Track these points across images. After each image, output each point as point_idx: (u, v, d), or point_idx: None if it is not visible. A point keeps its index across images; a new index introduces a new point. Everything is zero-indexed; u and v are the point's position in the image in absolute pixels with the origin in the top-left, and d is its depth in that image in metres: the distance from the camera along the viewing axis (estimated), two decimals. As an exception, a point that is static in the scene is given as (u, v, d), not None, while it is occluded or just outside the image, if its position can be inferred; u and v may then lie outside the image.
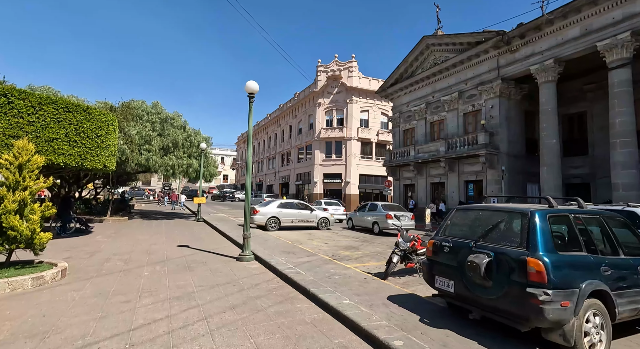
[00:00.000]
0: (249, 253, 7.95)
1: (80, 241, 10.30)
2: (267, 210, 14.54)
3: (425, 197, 21.90)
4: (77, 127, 9.73)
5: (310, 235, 13.48)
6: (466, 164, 18.98)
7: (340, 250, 9.71)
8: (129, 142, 15.95)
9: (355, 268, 7.12)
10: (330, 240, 12.13)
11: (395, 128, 25.44)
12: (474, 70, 18.80)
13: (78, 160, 9.68)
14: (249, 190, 8.30)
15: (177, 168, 17.62)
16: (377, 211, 15.33)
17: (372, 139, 38.13)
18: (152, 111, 18.60)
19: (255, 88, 8.13)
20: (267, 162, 56.49)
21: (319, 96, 39.39)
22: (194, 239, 11.37)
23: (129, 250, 8.88)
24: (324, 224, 15.64)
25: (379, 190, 38.72)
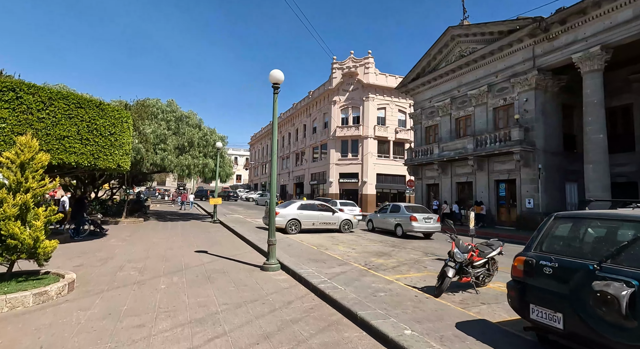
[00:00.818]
0: (275, 262, 7.13)
1: (93, 245, 9.73)
2: (287, 211, 13.75)
3: (451, 197, 20.70)
4: (90, 124, 9.14)
5: (334, 238, 12.61)
6: (497, 162, 17.72)
7: (371, 257, 8.78)
8: (144, 141, 15.45)
9: (397, 280, 6.20)
10: (356, 244, 11.22)
11: (416, 125, 24.28)
12: (505, 62, 17.51)
13: (91, 160, 9.08)
14: (274, 191, 7.48)
15: (193, 168, 17.05)
16: (400, 213, 14.39)
17: (390, 137, 36.96)
18: (167, 109, 18.10)
19: (280, 78, 7.30)
20: (281, 161, 55.90)
21: (335, 94, 38.47)
22: (212, 243, 10.66)
23: (144, 256, 8.20)
24: (347, 227, 14.74)
25: (396, 190, 37.54)
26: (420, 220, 13.72)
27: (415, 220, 13.64)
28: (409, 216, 13.77)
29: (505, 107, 17.74)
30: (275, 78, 7.27)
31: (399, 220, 14.16)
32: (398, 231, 14.14)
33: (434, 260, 8.73)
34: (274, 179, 7.50)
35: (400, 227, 13.98)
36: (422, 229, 13.69)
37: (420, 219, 13.70)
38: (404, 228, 13.81)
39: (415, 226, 13.58)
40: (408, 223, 13.49)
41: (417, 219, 13.65)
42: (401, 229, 13.96)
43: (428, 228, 13.86)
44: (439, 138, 21.93)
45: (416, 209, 14.62)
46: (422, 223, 13.69)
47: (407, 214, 13.90)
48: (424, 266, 7.72)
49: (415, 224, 13.56)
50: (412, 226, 13.52)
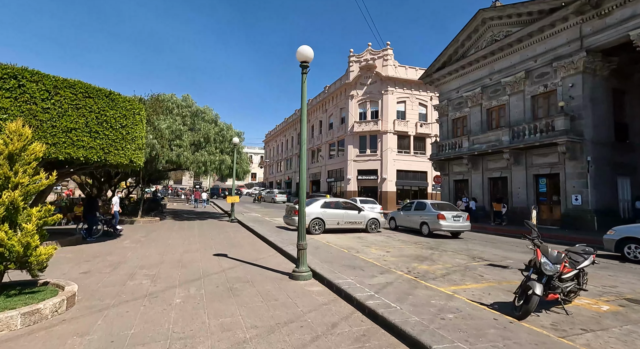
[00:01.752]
0: (306, 269, 6.13)
1: (105, 247, 9.01)
2: (310, 210, 12.75)
3: (482, 194, 19.23)
4: (99, 115, 8.38)
5: (362, 239, 11.54)
6: (537, 155, 16.16)
7: (412, 262, 7.67)
8: (158, 137, 14.79)
9: (457, 294, 5.08)
10: (388, 246, 10.11)
11: (442, 118, 22.80)
12: (546, 44, 15.89)
13: (100, 154, 8.33)
14: (303, 187, 6.46)
15: (210, 165, 16.30)
16: (425, 211, 13.43)
17: (410, 132, 35.45)
18: (182, 104, 17.42)
19: (310, 55, 6.26)
20: (296, 159, 55.06)
21: (352, 88, 37.22)
22: (231, 245, 9.78)
23: (158, 261, 7.37)
24: (374, 226, 13.63)
25: (417, 186, 36.05)
26: (449, 218, 12.75)
27: (444, 218, 12.70)
28: (436, 214, 12.83)
29: (546, 95, 16.13)
30: (303, 55, 6.24)
31: (425, 218, 13.19)
32: (424, 230, 13.17)
33: (485, 266, 7.54)
34: (304, 173, 6.49)
35: (427, 226, 12.99)
36: (450, 228, 12.74)
37: (448, 217, 12.75)
38: (430, 227, 12.84)
39: (444, 225, 12.63)
40: (435, 221, 12.60)
41: (445, 217, 12.71)
42: (427, 228, 12.96)
43: (457, 227, 12.89)
44: (467, 130, 20.44)
45: (443, 207, 13.64)
46: (451, 221, 12.75)
47: (434, 212, 12.96)
48: (479, 275, 6.55)
49: (443, 223, 12.62)
50: (440, 225, 12.52)
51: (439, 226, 12.60)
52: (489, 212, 18.84)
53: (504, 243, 11.46)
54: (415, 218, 13.88)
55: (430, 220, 12.89)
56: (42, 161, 7.88)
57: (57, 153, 7.52)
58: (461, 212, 13.60)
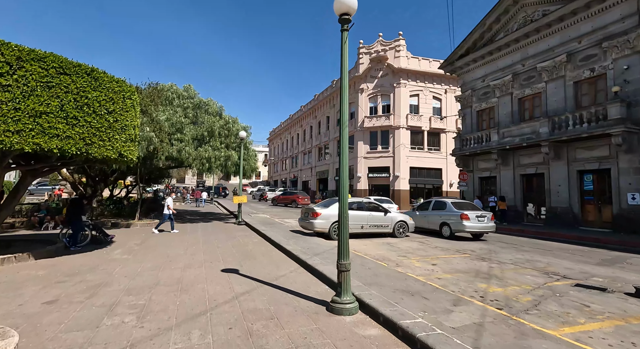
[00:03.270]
0: (350, 299, 4.45)
1: (89, 260, 7.39)
2: (330, 211, 11.10)
3: (513, 192, 17.44)
4: (78, 97, 6.74)
5: (393, 246, 9.86)
6: (581, 148, 14.35)
7: (476, 281, 5.97)
8: (157, 130, 13.16)
9: (589, 347, 3.39)
10: (428, 255, 8.41)
11: (465, 110, 20.99)
12: (594, 22, 14.04)
13: (80, 145, 6.70)
14: (345, 183, 4.75)
15: (214, 161, 14.66)
16: (446, 211, 12.26)
17: (424, 127, 33.63)
18: (184, 94, 15.81)
19: (353, 5, 4.56)
20: (302, 156, 53.47)
21: (362, 81, 35.42)
22: (243, 256, 8.13)
23: (151, 281, 5.73)
24: (402, 230, 11.94)
25: (432, 184, 34.27)
26: (473, 218, 11.56)
27: (467, 218, 11.50)
28: (458, 214, 11.65)
29: (593, 80, 14.29)
30: (345, 5, 4.54)
31: (445, 218, 12.08)
32: (444, 231, 12.06)
33: (572, 286, 5.81)
34: (345, 163, 4.77)
35: (448, 227, 11.91)
36: (475, 229, 11.55)
37: (472, 217, 11.56)
38: (452, 228, 11.74)
39: (467, 226, 11.43)
40: (458, 222, 11.54)
41: (469, 218, 11.51)
42: (449, 229, 11.87)
43: (482, 228, 11.66)
44: (495, 123, 18.63)
45: (464, 206, 12.35)
46: (475, 222, 11.55)
47: (457, 212, 11.79)
48: (583, 305, 4.83)
49: (467, 223, 11.42)
50: (464, 226, 11.41)
51: (463, 227, 11.45)
52: (522, 212, 17.09)
53: (559, 250, 9.71)
54: (434, 218, 12.58)
55: (452, 220, 11.79)
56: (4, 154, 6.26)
57: (22, 143, 5.90)
58: (485, 212, 12.28)
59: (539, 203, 16.56)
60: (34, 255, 7.21)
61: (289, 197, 31.46)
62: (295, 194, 32.26)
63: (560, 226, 14.56)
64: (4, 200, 7.74)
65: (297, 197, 30.86)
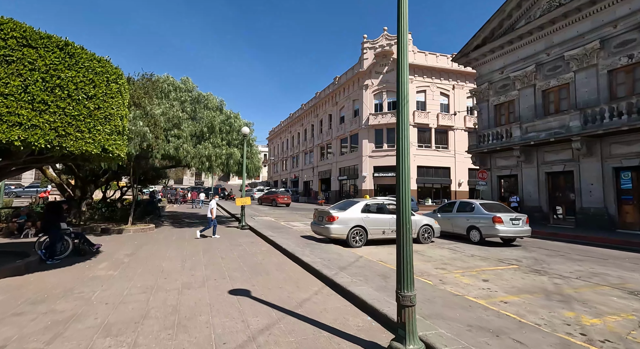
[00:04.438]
0: (419, 346, 3.13)
1: (65, 278, 6.03)
2: (349, 215, 9.78)
3: (537, 192, 16.18)
4: (48, 76, 5.39)
5: (423, 255, 8.57)
6: (618, 143, 13.10)
7: (556, 307, 4.68)
8: (151, 125, 11.80)
9: None
10: (470, 267, 7.11)
11: (481, 104, 19.72)
12: (631, 4, 12.79)
13: (51, 137, 5.35)
14: (406, 180, 3.42)
15: (215, 160, 13.31)
16: (474, 213, 11.08)
17: (431, 124, 32.39)
18: (181, 87, 14.45)
19: None
20: (303, 156, 52.14)
21: (366, 77, 34.15)
22: (253, 270, 6.79)
23: (138, 312, 4.39)
24: (427, 235, 10.66)
25: (439, 184, 33.03)
26: (507, 221, 10.39)
27: (501, 222, 10.33)
28: (490, 217, 10.44)
29: (630, 68, 13.04)
30: None
31: (474, 221, 10.91)
32: (473, 236, 10.89)
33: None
34: (406, 154, 3.43)
35: (477, 231, 10.75)
36: (509, 234, 10.35)
37: (506, 221, 10.36)
38: (483, 233, 10.59)
39: (501, 230, 10.23)
40: (490, 226, 10.37)
41: (502, 221, 10.32)
42: (478, 234, 10.71)
43: (517, 233, 10.45)
44: (516, 117, 17.38)
45: (495, 207, 11.19)
46: (509, 225, 10.38)
47: (487, 214, 10.59)
48: None
49: (501, 227, 10.23)
50: (497, 230, 10.23)
51: (495, 231, 10.27)
52: (548, 213, 15.83)
53: (616, 258, 8.42)
54: (460, 221, 11.35)
55: (482, 223, 10.63)
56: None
57: (-30, 133, 4.55)
58: (520, 214, 10.98)
59: (566, 204, 15.31)
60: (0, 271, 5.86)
61: (270, 196, 32.48)
62: (275, 193, 32.90)
63: (593, 228, 13.30)
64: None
65: (276, 196, 31.79)
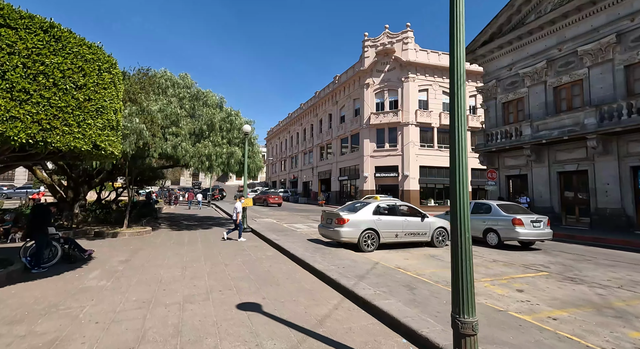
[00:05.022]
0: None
1: (50, 291, 5.35)
2: (360, 217, 9.15)
3: (549, 192, 15.66)
4: (30, 62, 4.73)
5: (441, 260, 7.96)
6: (636, 141, 12.60)
7: (615, 325, 4.09)
8: (148, 122, 11.13)
9: None
10: (497, 275, 6.50)
11: (488, 102, 19.21)
12: (650, -4, 12.33)
13: (34, 131, 4.69)
14: (464, 182, 2.81)
15: (215, 159, 12.63)
16: (492, 215, 10.44)
17: (434, 123, 31.90)
18: (179, 82, 13.76)
19: None
20: (302, 156, 51.51)
21: (367, 75, 33.60)
22: (261, 279, 6.14)
23: (133, 334, 3.74)
24: (442, 237, 10.08)
25: (442, 184, 32.50)
26: (527, 224, 9.77)
27: (522, 224, 9.69)
28: (510, 219, 9.83)
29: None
30: None
31: (491, 223, 10.29)
32: (490, 239, 10.28)
33: None
34: (463, 144, 2.81)
35: (495, 234, 10.15)
36: (531, 237, 9.77)
37: (527, 223, 9.80)
38: (502, 236, 9.96)
39: (522, 233, 9.61)
40: (509, 228, 9.78)
41: (523, 223, 9.68)
42: (496, 237, 10.10)
43: (538, 236, 9.88)
44: (525, 115, 16.87)
45: (512, 209, 10.57)
46: (530, 228, 9.78)
47: (506, 216, 10.00)
48: None
49: (521, 230, 9.62)
50: (517, 233, 9.63)
51: (516, 234, 9.66)
52: (560, 214, 15.31)
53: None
54: (475, 223, 10.66)
55: (500, 226, 10.03)
56: None
57: None
58: (540, 216, 10.43)
59: (579, 204, 14.79)
60: (-28, 286, 5.17)
61: (262, 197, 33.23)
62: (267, 194, 33.71)
63: (610, 230, 12.79)
64: None
65: (267, 196, 32.58)
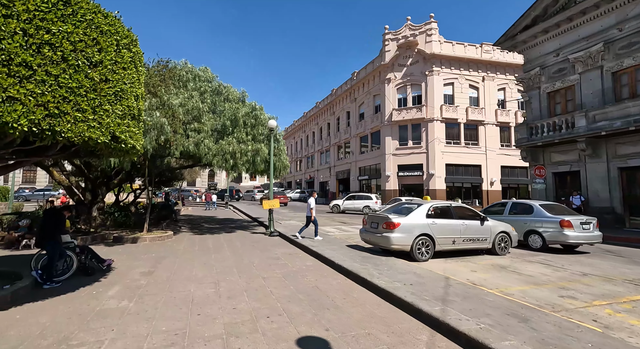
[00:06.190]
0: None
1: (61, 315, 4.33)
2: (412, 221, 7.90)
3: (609, 191, 13.97)
4: (32, 28, 3.72)
5: (514, 272, 6.63)
6: None
7: None
8: (169, 117, 10.20)
9: None
10: (606, 294, 5.13)
11: (531, 92, 17.57)
12: None
13: (38, 117, 3.68)
14: None
15: (240, 157, 11.61)
16: (534, 215, 9.60)
17: (460, 119, 30.20)
18: (200, 75, 12.84)
19: None
20: (319, 156, 50.44)
21: (388, 70, 32.17)
22: (313, 301, 4.98)
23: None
24: (504, 244, 8.70)
25: (470, 183, 30.76)
26: (577, 226, 8.89)
27: (571, 226, 8.81)
28: (557, 220, 9.00)
29: None
30: None
31: (535, 225, 9.46)
32: (533, 242, 9.41)
33: None
34: None
35: (539, 236, 9.29)
36: (580, 240, 8.88)
37: (576, 225, 8.88)
38: (547, 239, 9.11)
39: (571, 237, 8.76)
40: (557, 230, 8.97)
41: (572, 225, 8.82)
42: (540, 239, 9.25)
43: (588, 239, 8.98)
44: (576, 105, 15.21)
45: (556, 209, 9.70)
46: (580, 230, 8.90)
47: (552, 217, 9.17)
48: None
49: (570, 233, 8.77)
50: (566, 237, 8.78)
51: (564, 237, 8.82)
52: (622, 215, 13.61)
53: None
54: (515, 225, 9.39)
55: (545, 228, 9.22)
56: None
57: None
58: (589, 217, 9.39)
59: None
60: (-31, 310, 4.21)
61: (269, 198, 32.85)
62: (276, 195, 32.58)
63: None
64: None
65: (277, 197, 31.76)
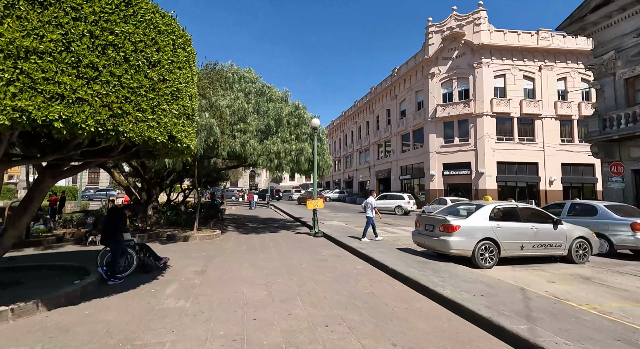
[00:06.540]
0: None
1: (124, 313, 4.39)
2: (473, 223, 7.19)
3: None
4: (98, 30, 3.77)
5: (602, 285, 5.71)
6: None
7: None
8: (217, 118, 10.41)
9: None
10: None
11: (603, 79, 15.53)
12: None
13: (104, 116, 3.72)
14: None
15: (284, 156, 11.56)
16: (598, 217, 8.93)
17: (513, 113, 27.89)
18: (246, 76, 13.03)
19: None
20: (358, 155, 49.72)
21: (432, 65, 30.67)
22: (372, 309, 4.60)
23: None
24: (582, 251, 7.64)
25: (525, 182, 28.27)
26: None
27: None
28: (628, 223, 8.23)
29: None
30: None
31: (600, 228, 8.68)
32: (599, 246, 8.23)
33: None
34: None
35: (607, 241, 8.57)
36: None
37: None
38: (615, 243, 8.43)
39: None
40: (628, 234, 8.22)
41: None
42: (607, 243, 8.54)
43: None
44: (663, 92, 13.11)
45: (624, 210, 9.00)
46: None
47: (622, 220, 8.46)
48: None
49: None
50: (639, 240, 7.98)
51: (637, 242, 8.03)
52: None
53: None
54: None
55: (614, 231, 8.51)
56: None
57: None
58: None
59: None
60: (44, 303, 4.44)
61: (306, 197, 33.36)
62: (310, 194, 32.88)
63: None
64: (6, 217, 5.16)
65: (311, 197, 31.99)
